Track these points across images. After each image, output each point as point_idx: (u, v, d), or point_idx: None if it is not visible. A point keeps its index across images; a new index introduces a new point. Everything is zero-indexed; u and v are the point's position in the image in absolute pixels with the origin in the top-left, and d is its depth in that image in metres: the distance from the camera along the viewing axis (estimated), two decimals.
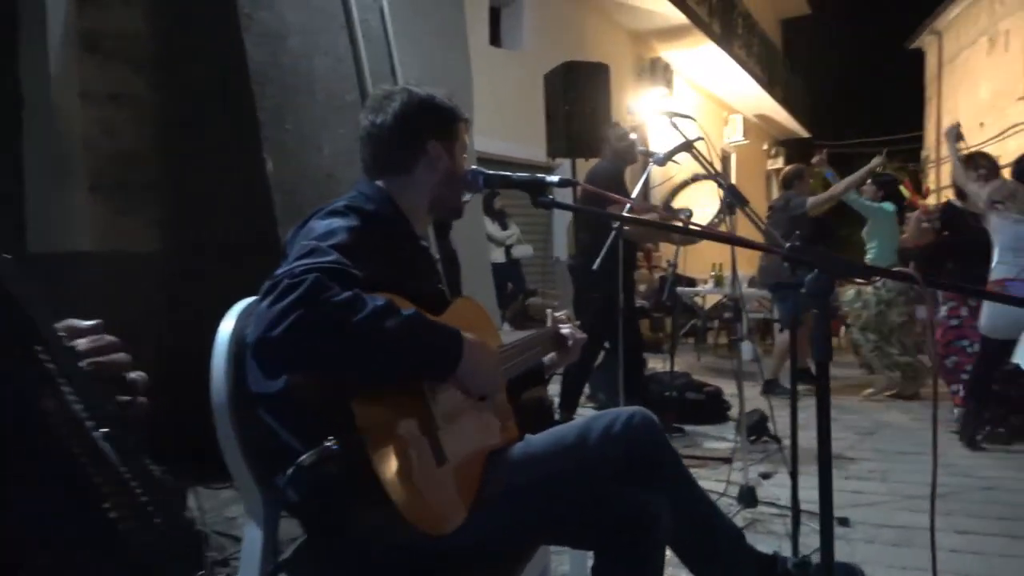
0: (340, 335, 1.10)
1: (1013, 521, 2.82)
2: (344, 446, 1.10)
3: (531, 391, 1.72)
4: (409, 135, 1.46)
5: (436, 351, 1.22)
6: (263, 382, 1.23)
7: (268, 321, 1.09)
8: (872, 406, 5.12)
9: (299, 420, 1.19)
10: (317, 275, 1.12)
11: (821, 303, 1.10)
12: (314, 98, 3.85)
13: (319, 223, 1.31)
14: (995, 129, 15.61)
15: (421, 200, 1.49)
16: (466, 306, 1.51)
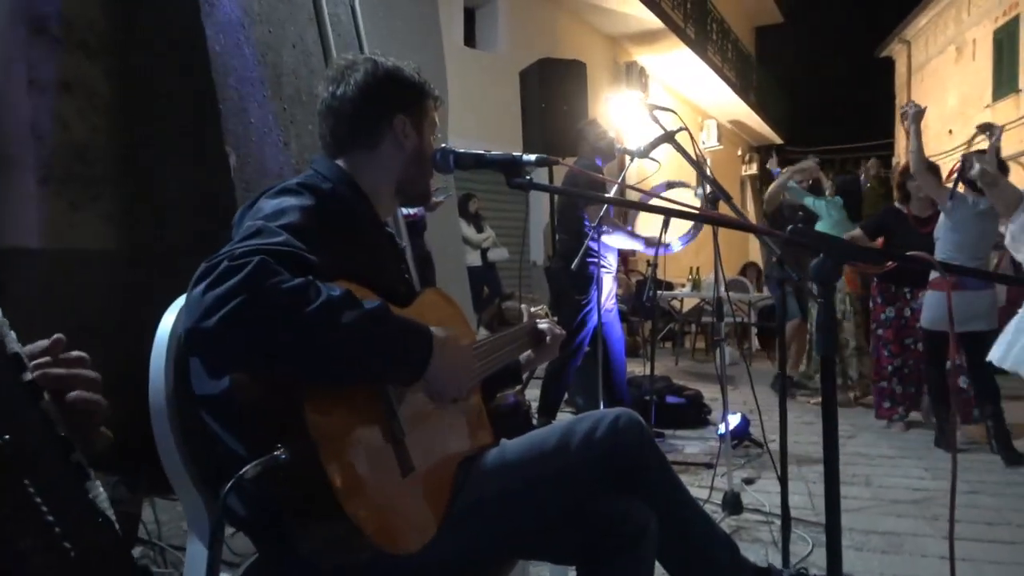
0: (288, 327, 0.96)
1: (999, 526, 2.76)
2: (294, 455, 0.96)
3: (507, 393, 1.59)
4: (373, 108, 1.32)
5: (401, 350, 1.07)
6: (206, 383, 1.10)
7: (203, 309, 0.94)
8: (850, 409, 5.06)
9: (245, 425, 1.04)
10: (262, 257, 0.98)
11: (827, 290, 0.99)
12: (280, 91, 3.71)
13: (268, 202, 1.16)
14: (963, 136, 15.84)
15: (386, 181, 1.35)
16: (435, 298, 1.38)
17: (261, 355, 0.97)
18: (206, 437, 1.12)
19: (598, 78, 10.95)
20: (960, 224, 3.76)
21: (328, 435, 1.00)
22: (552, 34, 10.64)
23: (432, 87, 1.40)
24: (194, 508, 1.19)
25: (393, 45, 5.41)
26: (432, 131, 1.39)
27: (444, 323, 1.32)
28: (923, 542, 2.57)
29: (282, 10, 3.90)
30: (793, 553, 2.25)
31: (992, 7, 14.99)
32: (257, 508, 1.07)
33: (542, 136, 4.60)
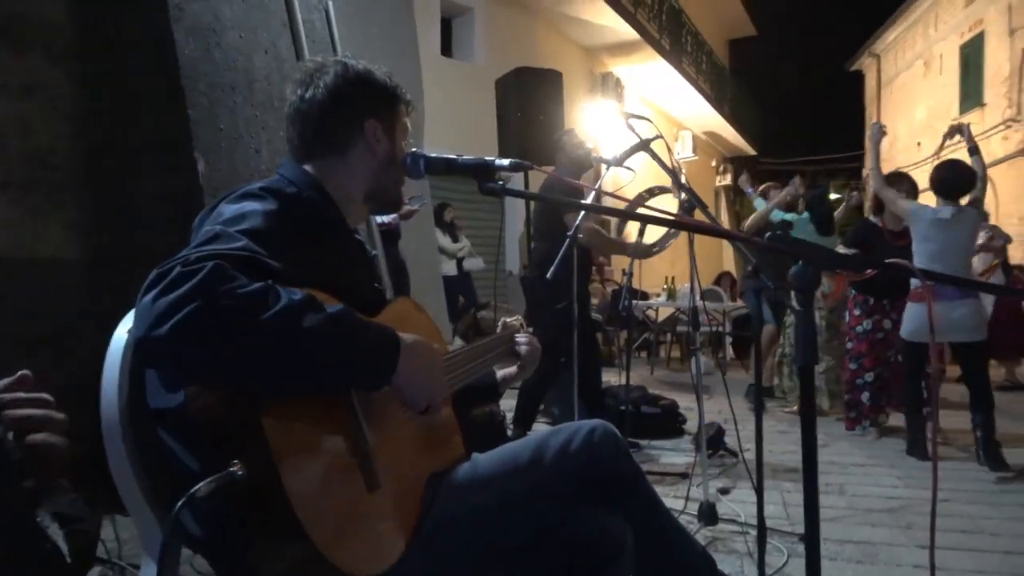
0: (245, 334, 0.91)
1: (974, 534, 2.77)
2: (251, 471, 0.91)
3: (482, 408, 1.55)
4: (344, 112, 1.27)
5: (367, 355, 1.03)
6: (162, 396, 1.04)
7: (153, 317, 0.89)
8: (823, 419, 5.08)
9: (200, 440, 0.98)
10: (217, 262, 0.93)
11: (807, 298, 0.97)
12: (252, 97, 3.65)
13: (229, 206, 1.11)
14: (931, 149, 16.16)
15: (356, 187, 1.31)
16: (405, 307, 1.33)
17: (217, 364, 0.92)
18: (161, 453, 1.07)
19: (574, 88, 11.00)
20: (926, 234, 3.78)
21: (288, 450, 0.95)
22: (529, 45, 10.68)
23: (404, 91, 1.36)
24: (148, 527, 1.13)
25: (369, 53, 5.36)
26: (404, 136, 1.36)
27: (416, 331, 1.28)
28: (897, 551, 2.57)
29: (254, 15, 3.84)
30: (768, 564, 2.23)
31: (959, 23, 15.34)
32: (213, 528, 1.02)
33: (518, 145, 4.58)
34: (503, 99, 4.84)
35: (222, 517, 0.97)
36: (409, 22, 6.66)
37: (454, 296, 7.67)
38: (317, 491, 0.96)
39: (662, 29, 13.25)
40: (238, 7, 3.65)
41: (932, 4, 16.43)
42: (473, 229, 8.64)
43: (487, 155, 1.32)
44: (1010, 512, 3.01)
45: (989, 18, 14.10)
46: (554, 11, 10.85)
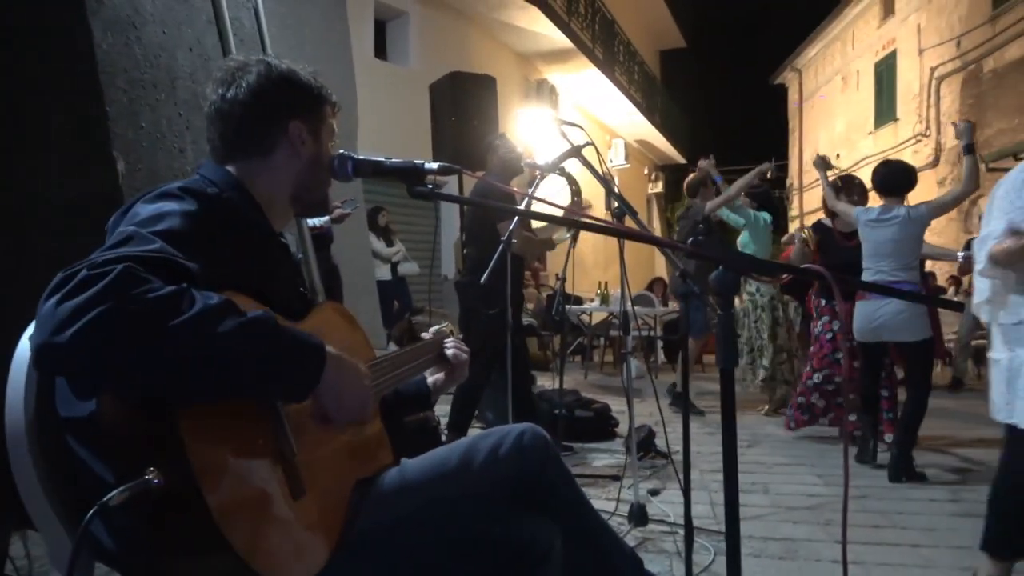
0: (155, 340, 0.86)
1: (885, 528, 2.90)
2: (168, 479, 0.87)
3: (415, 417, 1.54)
4: (267, 113, 1.25)
5: (289, 364, 0.99)
6: (72, 403, 0.99)
7: (56, 322, 0.84)
8: (749, 418, 5.25)
9: (114, 448, 0.94)
10: (128, 265, 0.88)
11: (727, 301, 1.00)
12: (175, 95, 3.53)
13: (145, 207, 1.07)
14: (849, 160, 16.97)
15: (280, 189, 1.28)
16: (331, 312, 1.31)
17: (124, 372, 0.87)
18: (71, 464, 1.02)
19: (509, 94, 11.07)
20: (862, 235, 3.90)
21: (208, 456, 0.91)
22: (464, 50, 10.68)
23: (329, 92, 1.34)
24: (58, 542, 1.07)
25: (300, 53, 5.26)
26: (330, 137, 1.33)
27: (341, 339, 1.26)
28: (817, 547, 2.67)
29: (178, 11, 3.72)
30: (696, 563, 2.29)
31: (873, 42, 16.15)
32: (128, 540, 0.97)
33: (452, 150, 4.58)
34: (437, 104, 4.83)
35: (137, 529, 0.93)
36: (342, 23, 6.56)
37: (388, 301, 7.60)
38: (239, 499, 0.93)
39: (595, 38, 13.48)
40: (160, 2, 3.53)
41: (849, 23, 17.25)
42: (408, 233, 8.57)
43: (420, 157, 1.31)
44: (919, 507, 3.17)
45: (900, 38, 14.89)
46: (489, 17, 10.90)
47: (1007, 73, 11.47)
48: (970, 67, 12.41)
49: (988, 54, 11.90)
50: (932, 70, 13.47)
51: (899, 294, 3.16)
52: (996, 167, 11.20)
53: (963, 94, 12.66)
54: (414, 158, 1.29)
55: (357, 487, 1.18)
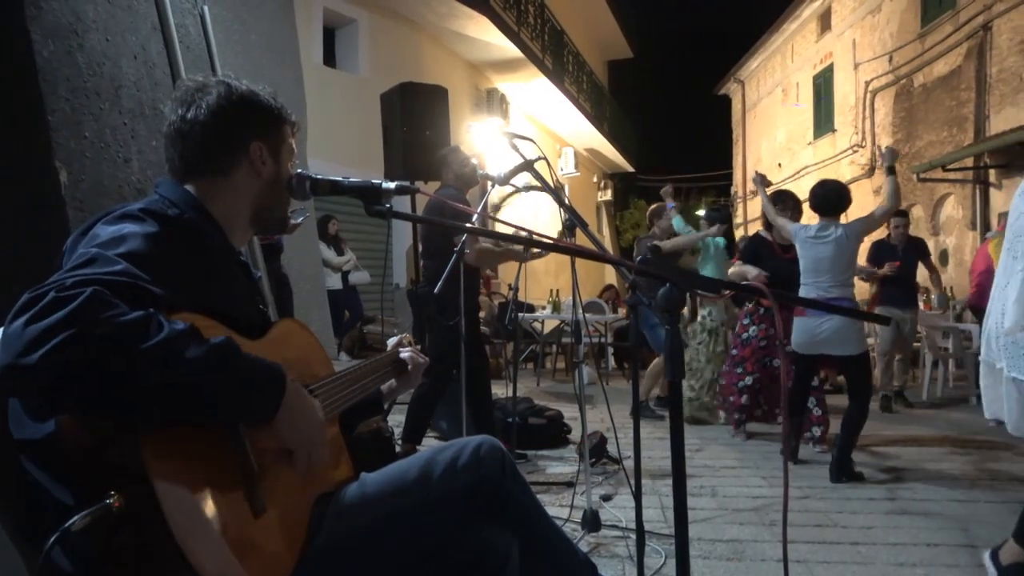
0: (122, 365, 0.87)
1: (826, 528, 3.02)
2: (129, 501, 0.88)
3: (368, 422, 1.55)
4: (228, 134, 1.26)
5: (250, 390, 1.00)
6: (26, 425, 0.98)
7: (24, 343, 0.84)
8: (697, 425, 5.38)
9: (73, 471, 0.93)
10: (96, 288, 0.89)
11: (673, 318, 1.06)
12: (119, 104, 3.46)
13: (106, 228, 1.07)
14: (791, 170, 17.52)
15: (240, 209, 1.29)
16: (290, 328, 1.32)
17: (91, 396, 0.87)
18: (26, 486, 1.00)
19: (460, 103, 11.10)
20: (800, 251, 4.06)
21: (169, 477, 0.92)
22: (414, 58, 10.68)
23: (289, 112, 1.36)
24: (12, 568, 1.06)
25: (248, 60, 5.20)
26: (290, 157, 1.35)
27: (302, 355, 1.27)
28: (762, 547, 2.76)
29: (122, 18, 3.65)
30: (648, 567, 2.35)
31: (811, 55, 16.72)
32: (87, 566, 0.97)
33: (404, 160, 4.58)
34: (388, 114, 4.82)
35: (98, 553, 0.93)
36: (290, 30, 6.50)
37: (339, 310, 7.53)
38: (201, 520, 0.94)
39: (545, 48, 13.63)
40: (103, 8, 3.46)
41: (788, 37, 17.82)
42: (358, 242, 8.52)
43: (372, 168, 1.34)
44: (858, 506, 3.31)
45: (837, 52, 15.46)
46: (439, 26, 10.92)
47: (935, 88, 12.02)
48: (901, 81, 12.97)
49: (918, 69, 12.45)
50: (867, 83, 14.02)
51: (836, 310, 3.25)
52: (926, 177, 11.73)
53: (895, 107, 13.21)
54: (365, 166, 1.32)
55: (318, 502, 1.19)
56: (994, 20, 10.51)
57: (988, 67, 10.66)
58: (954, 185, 11.41)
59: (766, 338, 4.73)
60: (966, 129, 11.13)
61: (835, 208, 4.02)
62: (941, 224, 12.06)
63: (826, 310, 3.69)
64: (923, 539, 2.85)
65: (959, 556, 2.66)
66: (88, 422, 0.92)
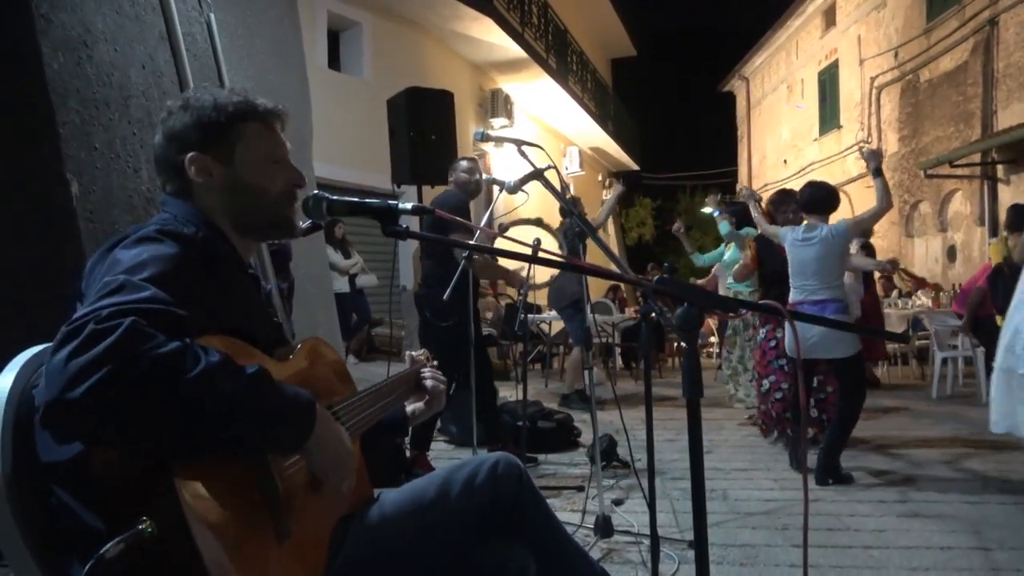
0: (164, 399, 0.88)
1: (838, 532, 3.01)
2: (161, 527, 0.89)
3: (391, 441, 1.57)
4: (166, 154, 1.27)
5: (282, 421, 1.02)
6: (55, 448, 0.99)
7: (67, 378, 0.85)
8: (707, 424, 5.37)
9: (103, 495, 0.95)
10: (134, 319, 0.90)
11: (691, 336, 1.06)
12: (128, 114, 3.48)
13: (126, 253, 1.07)
14: (796, 167, 17.47)
15: (224, 221, 1.28)
16: (315, 348, 1.32)
17: (132, 428, 0.89)
18: (54, 510, 1.02)
19: (464, 105, 11.10)
20: (789, 253, 4.07)
21: (199, 503, 0.93)
22: (418, 60, 10.68)
23: (250, 106, 1.31)
24: None
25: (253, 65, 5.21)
26: (260, 152, 1.29)
27: (325, 373, 1.28)
28: (774, 552, 2.76)
29: (129, 28, 3.67)
30: (661, 573, 2.35)
31: (816, 51, 16.67)
32: None
33: (410, 164, 4.59)
34: (395, 118, 4.84)
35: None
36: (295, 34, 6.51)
37: (346, 313, 7.54)
38: (231, 547, 0.94)
39: (548, 48, 13.62)
40: (111, 19, 3.47)
41: (793, 33, 17.76)
42: (365, 245, 8.53)
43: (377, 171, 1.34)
44: (870, 509, 3.30)
45: (841, 48, 15.41)
46: (443, 27, 10.92)
47: (941, 83, 11.97)
48: (907, 77, 12.92)
49: (924, 65, 12.40)
50: (872, 79, 13.97)
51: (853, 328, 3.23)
52: (933, 174, 11.69)
53: (901, 103, 13.16)
54: (370, 170, 1.32)
55: (339, 524, 1.20)
56: (1000, 15, 10.46)
57: (995, 62, 10.61)
58: (961, 181, 11.37)
59: (774, 339, 4.71)
60: (973, 125, 11.09)
61: (824, 207, 4.02)
62: (949, 220, 12.02)
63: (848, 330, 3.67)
64: (936, 542, 2.84)
65: (972, 559, 2.65)
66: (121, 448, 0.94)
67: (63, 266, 2.88)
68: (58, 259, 2.89)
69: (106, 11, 3.42)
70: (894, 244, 13.35)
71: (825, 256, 3.89)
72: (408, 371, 1.59)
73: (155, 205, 3.29)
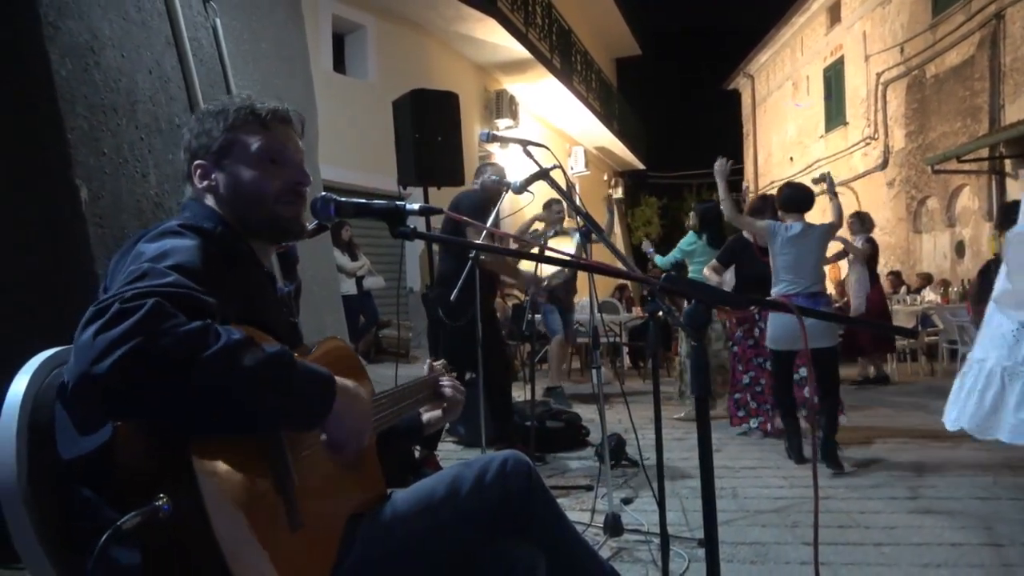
0: (186, 372, 0.91)
1: (849, 529, 3.00)
2: (177, 506, 0.91)
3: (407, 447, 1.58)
4: (185, 164, 1.33)
5: (304, 396, 1.05)
6: (78, 441, 1.01)
7: (95, 353, 0.89)
8: (714, 422, 5.37)
9: (125, 486, 0.96)
10: (157, 300, 0.93)
11: (699, 334, 1.06)
12: (136, 119, 3.50)
13: (149, 245, 1.10)
14: (802, 164, 17.41)
15: (235, 223, 1.30)
16: (336, 348, 1.34)
17: (156, 401, 0.92)
18: (73, 508, 1.03)
19: (469, 106, 11.12)
20: (782, 248, 4.14)
21: (214, 483, 0.95)
22: (422, 62, 10.71)
23: (249, 109, 1.32)
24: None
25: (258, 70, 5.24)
26: (255, 153, 1.30)
27: (344, 372, 1.29)
28: (784, 550, 2.76)
29: (136, 34, 3.69)
30: (670, 571, 2.35)
31: (821, 48, 16.62)
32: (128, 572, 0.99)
33: (416, 166, 4.60)
34: (400, 121, 4.85)
35: (146, 563, 0.96)
36: (300, 37, 6.54)
37: (354, 315, 7.57)
38: (245, 531, 0.96)
39: (553, 48, 13.63)
40: (118, 25, 3.50)
41: (798, 30, 17.70)
42: (371, 247, 8.56)
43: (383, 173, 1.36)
44: (880, 506, 3.29)
45: (847, 45, 15.35)
46: (447, 29, 10.95)
47: (948, 78, 11.92)
48: (913, 72, 12.86)
49: (930, 60, 12.35)
50: (878, 75, 13.92)
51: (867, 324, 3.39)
52: (941, 169, 11.64)
53: (908, 98, 13.10)
54: (376, 172, 1.34)
55: (350, 521, 1.21)
56: (1007, 8, 10.41)
57: (1002, 56, 10.56)
58: (969, 176, 11.32)
59: (753, 337, 4.84)
60: (980, 119, 11.03)
61: (804, 206, 4.23)
62: (957, 215, 11.96)
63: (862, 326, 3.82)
64: (947, 538, 2.83)
65: (983, 555, 2.64)
66: (140, 429, 0.96)
67: (73, 271, 2.90)
68: (68, 264, 2.91)
69: (113, 17, 3.45)
70: (902, 240, 13.30)
71: (820, 253, 4.14)
72: (427, 378, 1.60)
73: (164, 210, 3.31)
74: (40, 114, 3.03)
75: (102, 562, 0.91)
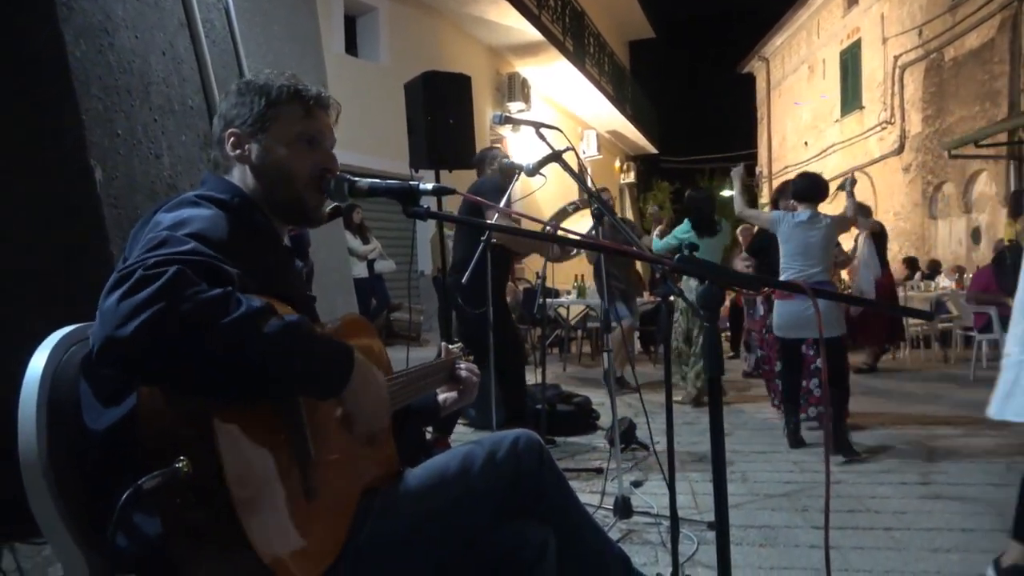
0: (207, 336, 0.93)
1: (858, 513, 3.01)
2: (196, 469, 0.93)
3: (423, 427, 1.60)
4: (219, 130, 1.33)
5: (323, 365, 1.07)
6: (103, 412, 1.04)
7: (119, 317, 0.91)
8: (725, 407, 5.37)
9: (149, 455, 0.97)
10: (180, 267, 0.95)
11: (712, 315, 1.06)
12: (149, 100, 3.51)
13: (167, 214, 1.12)
14: (817, 148, 17.25)
15: (259, 199, 1.31)
16: (357, 323, 1.36)
17: (177, 366, 0.93)
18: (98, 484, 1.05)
19: (481, 88, 11.08)
20: (788, 235, 4.14)
21: (235, 453, 0.97)
22: (434, 45, 10.66)
23: (292, 90, 1.33)
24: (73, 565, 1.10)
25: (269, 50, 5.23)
26: (293, 132, 1.31)
27: (364, 348, 1.31)
28: (795, 533, 2.76)
29: (149, 15, 3.69)
30: (680, 553, 2.36)
31: (837, 31, 16.39)
32: (143, 543, 1.01)
33: (428, 149, 4.59)
34: (412, 103, 4.82)
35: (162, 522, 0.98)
36: (312, 19, 6.52)
37: (365, 298, 7.60)
38: (259, 493, 0.98)
39: (565, 30, 13.52)
40: (132, 6, 3.50)
41: (814, 12, 17.47)
42: (383, 230, 8.57)
43: (395, 156, 1.36)
44: (891, 491, 3.29)
45: (864, 27, 15.14)
46: (459, 11, 10.88)
47: (966, 62, 11.74)
48: (932, 56, 12.68)
49: (949, 43, 12.16)
50: (896, 59, 13.73)
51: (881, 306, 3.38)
52: (958, 154, 11.49)
53: (926, 82, 12.93)
54: (388, 155, 1.34)
55: (363, 496, 1.23)
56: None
57: (1022, 39, 10.38)
58: (987, 161, 11.18)
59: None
60: (999, 103, 10.87)
61: (818, 196, 4.22)
62: (973, 201, 11.83)
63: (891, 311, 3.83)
64: (957, 524, 2.83)
65: (995, 541, 2.64)
66: (164, 396, 0.98)
67: (88, 252, 2.92)
68: (83, 245, 2.93)
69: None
70: (917, 226, 13.17)
71: (828, 242, 4.14)
72: (444, 360, 1.61)
73: (177, 191, 3.32)
74: (55, 95, 3.05)
75: (122, 526, 0.93)
